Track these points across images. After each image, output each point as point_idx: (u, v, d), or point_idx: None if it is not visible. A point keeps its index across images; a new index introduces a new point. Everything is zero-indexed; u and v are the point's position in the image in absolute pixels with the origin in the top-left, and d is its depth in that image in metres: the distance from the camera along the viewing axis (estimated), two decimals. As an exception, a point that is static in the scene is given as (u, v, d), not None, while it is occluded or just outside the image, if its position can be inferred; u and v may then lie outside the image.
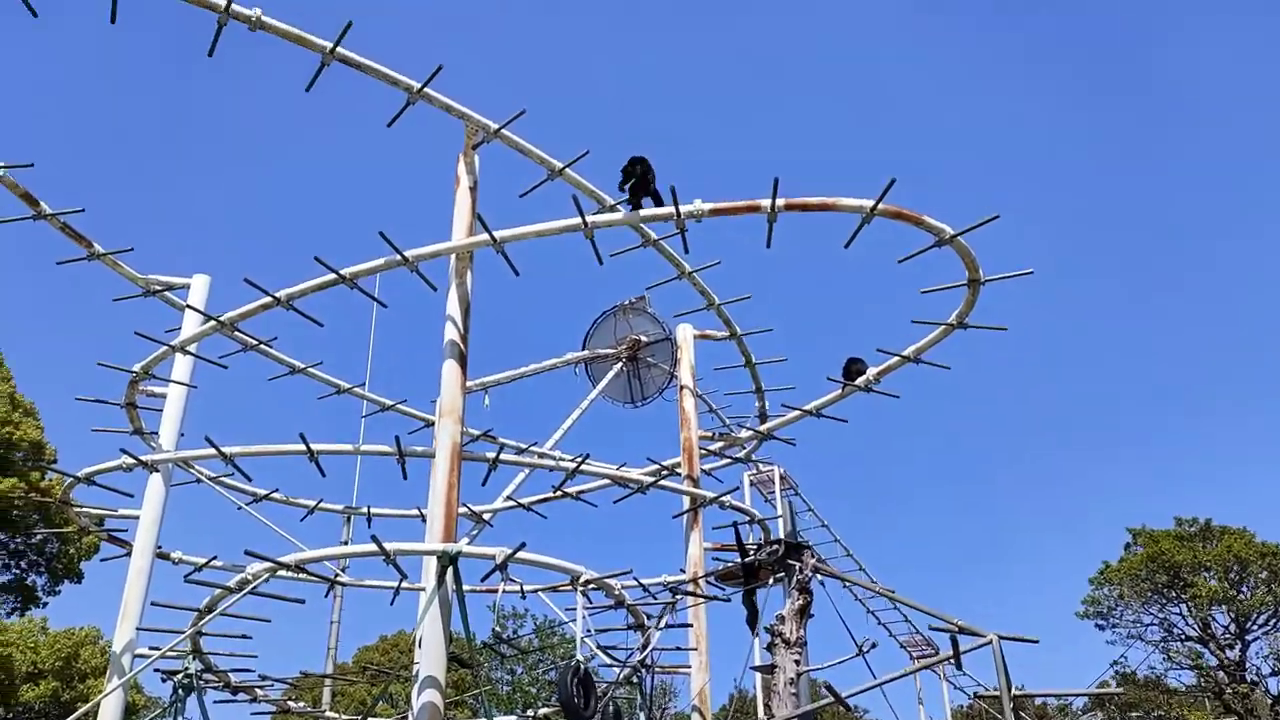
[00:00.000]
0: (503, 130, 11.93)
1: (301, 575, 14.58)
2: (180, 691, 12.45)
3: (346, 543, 17.94)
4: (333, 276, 11.19)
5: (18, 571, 26.70)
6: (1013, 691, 8.18)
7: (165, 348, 12.79)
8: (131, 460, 12.69)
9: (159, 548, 13.51)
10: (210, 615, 10.37)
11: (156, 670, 13.81)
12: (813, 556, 10.29)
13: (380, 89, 11.23)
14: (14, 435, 24.14)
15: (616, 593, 11.06)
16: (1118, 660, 25.95)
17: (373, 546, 9.48)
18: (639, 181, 12.45)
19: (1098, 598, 26.00)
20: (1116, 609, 25.73)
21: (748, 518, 15.48)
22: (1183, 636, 25.28)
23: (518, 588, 15.47)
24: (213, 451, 12.37)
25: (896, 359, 13.85)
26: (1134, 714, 27.86)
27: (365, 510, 16.88)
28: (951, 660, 8.09)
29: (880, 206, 10.64)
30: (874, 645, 9.98)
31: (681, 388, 16.48)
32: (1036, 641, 8.67)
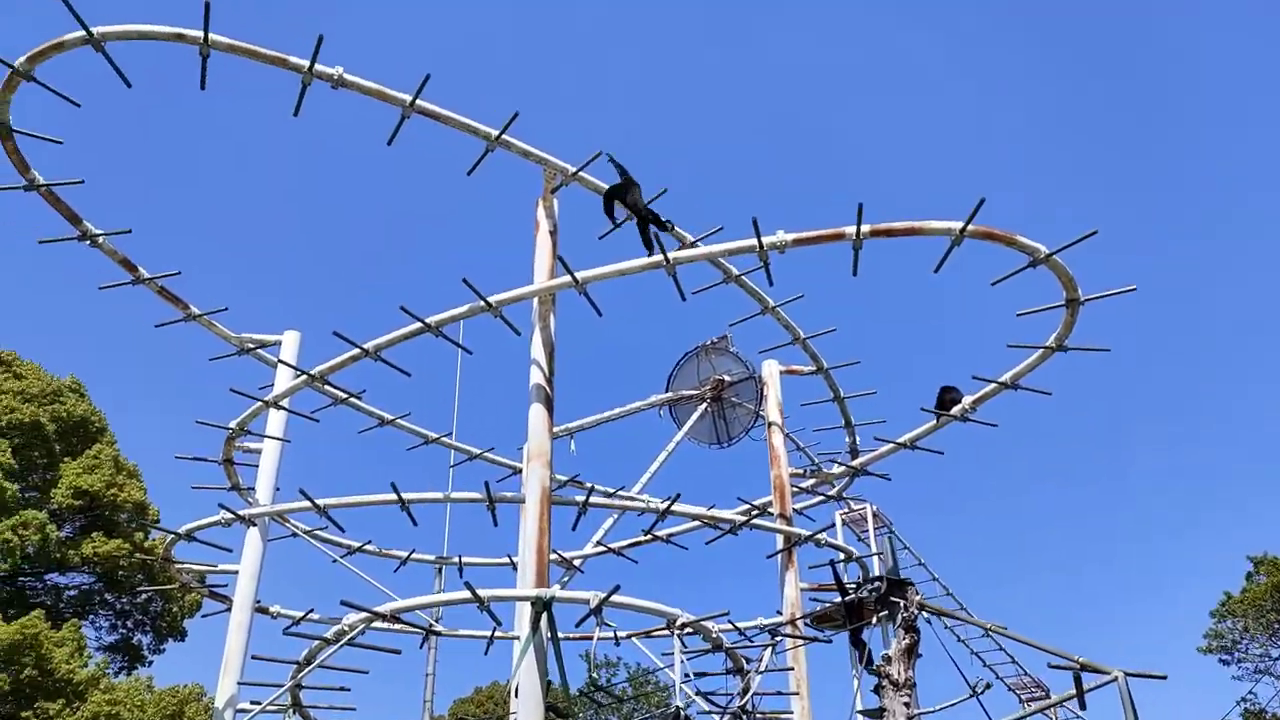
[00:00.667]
0: (581, 173, 11.96)
1: (397, 626, 14.65)
2: (284, 746, 12.51)
3: (439, 592, 17.96)
4: (418, 325, 11.28)
5: (124, 631, 27.42)
6: (1144, 732, 7.65)
7: (259, 403, 13.04)
8: (229, 515, 12.90)
9: (258, 602, 13.67)
10: (309, 668, 10.38)
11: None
12: (916, 593, 9.86)
13: (459, 138, 11.39)
14: (118, 497, 24.92)
15: (713, 636, 10.77)
16: (1245, 697, 24.45)
17: (466, 594, 9.40)
18: (636, 216, 11.68)
19: (1220, 631, 24.57)
20: (1241, 642, 24.27)
21: (844, 555, 15.05)
22: (1316, 670, 23.72)
23: (612, 634, 15.31)
24: (306, 504, 12.50)
25: (993, 386, 13.37)
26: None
27: (457, 560, 16.88)
28: (1075, 699, 7.62)
29: (970, 228, 10.33)
30: (988, 686, 9.49)
31: (769, 424, 16.20)
32: (1164, 678, 8.13)
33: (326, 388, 13.30)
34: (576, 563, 16.63)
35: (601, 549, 16.57)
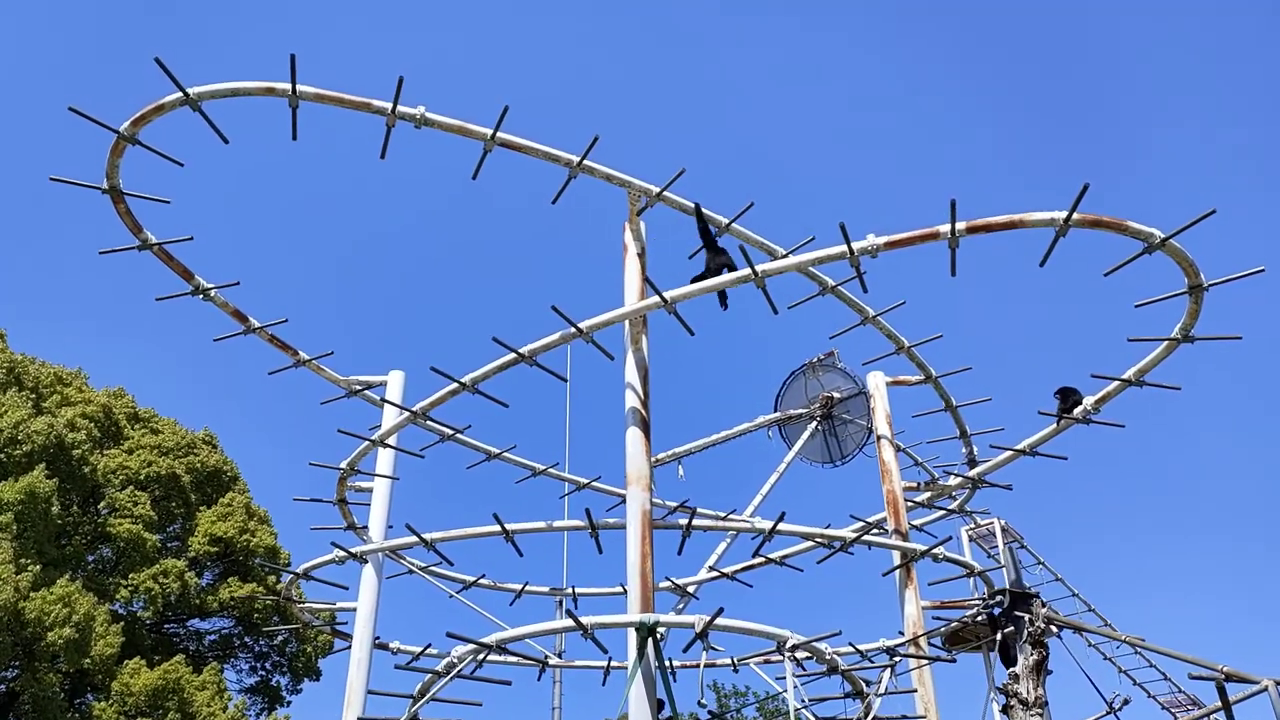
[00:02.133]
0: (665, 193, 11.87)
1: (513, 659, 14.69)
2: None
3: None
4: (512, 356, 11.32)
5: (263, 673, 28.41)
6: (1303, 746, 6.97)
7: (366, 443, 13.31)
8: (342, 554, 13.17)
9: (377, 638, 13.89)
10: (422, 701, 10.42)
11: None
12: (1043, 605, 9.30)
13: (542, 167, 11.46)
14: (251, 543, 25.92)
15: (828, 657, 10.37)
16: None
17: (570, 623, 9.29)
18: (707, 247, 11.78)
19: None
20: None
21: (966, 570, 14.39)
22: None
23: (728, 661, 14.99)
24: (415, 540, 12.65)
25: (1116, 384, 12.62)
26: None
27: (570, 591, 16.86)
28: (1220, 712, 7.00)
29: (1075, 216, 9.78)
30: (1127, 701, 8.86)
31: (879, 438, 15.72)
32: (1324, 687, 7.42)
33: (431, 424, 13.50)
34: (690, 589, 16.41)
35: (714, 574, 16.31)
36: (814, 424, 18.65)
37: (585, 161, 11.32)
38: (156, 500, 25.68)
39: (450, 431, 13.81)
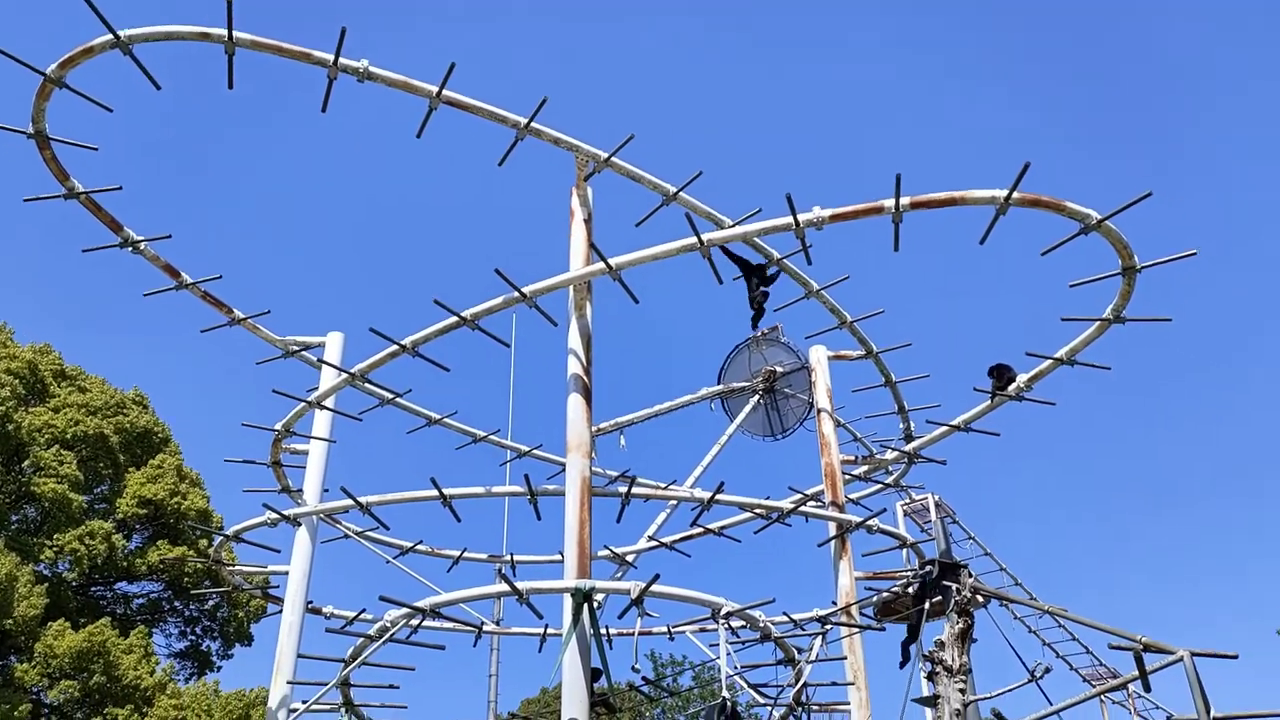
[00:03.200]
0: (613, 158, 11.77)
1: (451, 625, 14.62)
2: (339, 747, 12.53)
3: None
4: (454, 319, 11.19)
5: (193, 638, 27.92)
6: (1212, 714, 7.22)
7: (303, 404, 13.08)
8: (274, 516, 12.95)
9: (310, 603, 13.72)
10: (353, 665, 10.34)
11: (313, 725, 14.01)
12: (970, 576, 9.49)
13: (488, 127, 11.28)
14: (182, 505, 25.39)
15: (761, 625, 10.50)
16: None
17: (504, 587, 9.26)
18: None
19: (1304, 614, 23.48)
20: (1327, 625, 23.22)
21: (899, 542, 14.65)
22: None
23: (664, 629, 15.10)
24: (350, 503, 12.49)
25: (1049, 362, 12.88)
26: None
27: (509, 557, 16.81)
28: (1137, 680, 7.22)
29: (1015, 195, 9.91)
30: (1048, 670, 9.08)
31: (819, 411, 15.86)
32: (1235, 657, 7.67)
33: (370, 387, 13.31)
34: (629, 558, 16.47)
35: (654, 544, 16.38)
36: (756, 397, 18.74)
37: (533, 124, 11.18)
38: (83, 460, 25.00)
39: (390, 395, 13.63)
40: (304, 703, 11.67)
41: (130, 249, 12.19)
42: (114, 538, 24.27)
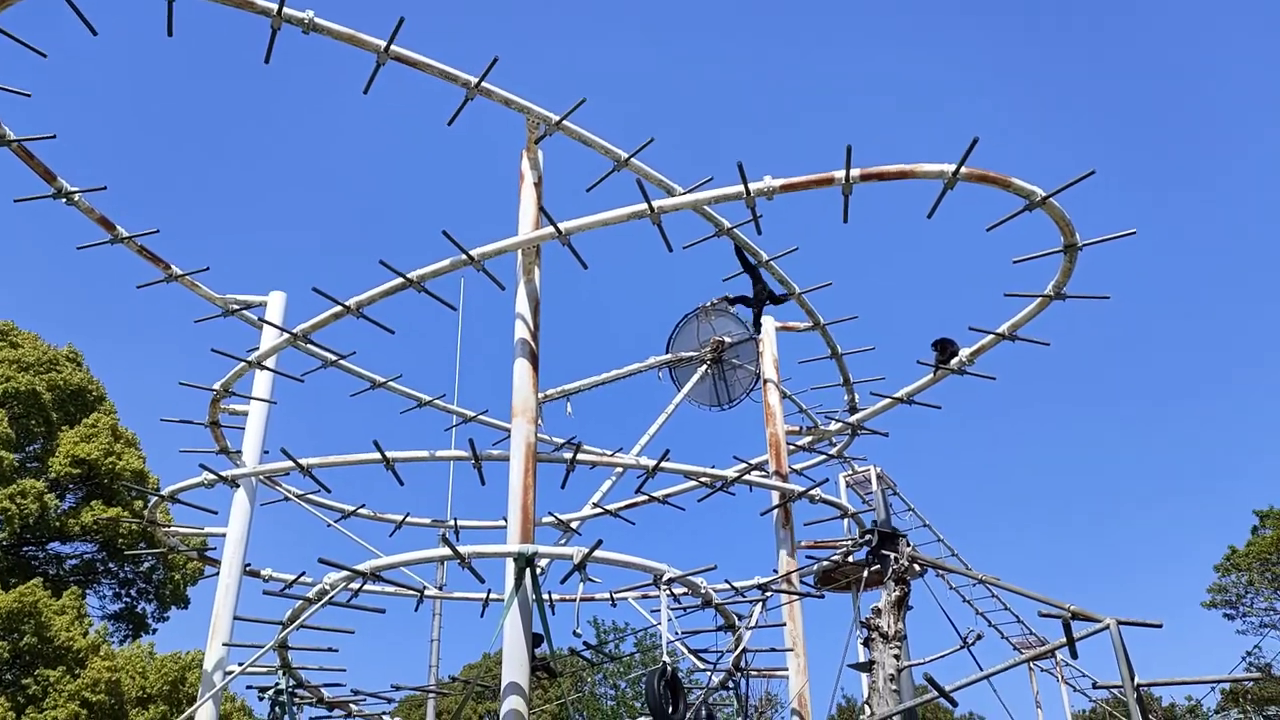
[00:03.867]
0: (564, 122, 11.63)
1: (393, 589, 14.54)
2: (277, 709, 12.44)
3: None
4: (400, 281, 11.02)
5: (128, 600, 27.50)
6: (1136, 681, 7.44)
7: (242, 364, 12.83)
8: (212, 477, 12.73)
9: (248, 565, 13.55)
10: (292, 626, 10.24)
11: (250, 688, 13.89)
12: (908, 545, 9.66)
13: (439, 87, 11.08)
14: (117, 465, 24.87)
15: (702, 591, 10.59)
16: (1251, 651, 24.27)
17: (446, 551, 9.21)
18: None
19: (1224, 585, 24.33)
20: (1246, 596, 24.04)
21: (840, 512, 14.85)
22: (1323, 625, 23.49)
23: (606, 595, 15.17)
24: (290, 464, 12.32)
25: (991, 337, 13.07)
26: (1271, 709, 26.05)
27: (453, 522, 16.74)
28: (1065, 648, 7.41)
29: (963, 170, 10.00)
30: (979, 636, 9.30)
31: (765, 382, 15.96)
32: (1159, 626, 7.91)
33: (313, 348, 13.11)
34: (574, 525, 16.49)
35: (598, 511, 16.41)
36: (704, 367, 18.79)
37: (483, 84, 10.99)
38: (15, 418, 24.35)
39: (333, 357, 13.45)
40: (240, 665, 11.56)
41: (64, 200, 11.80)
42: (46, 497, 23.73)
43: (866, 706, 9.12)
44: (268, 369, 13.37)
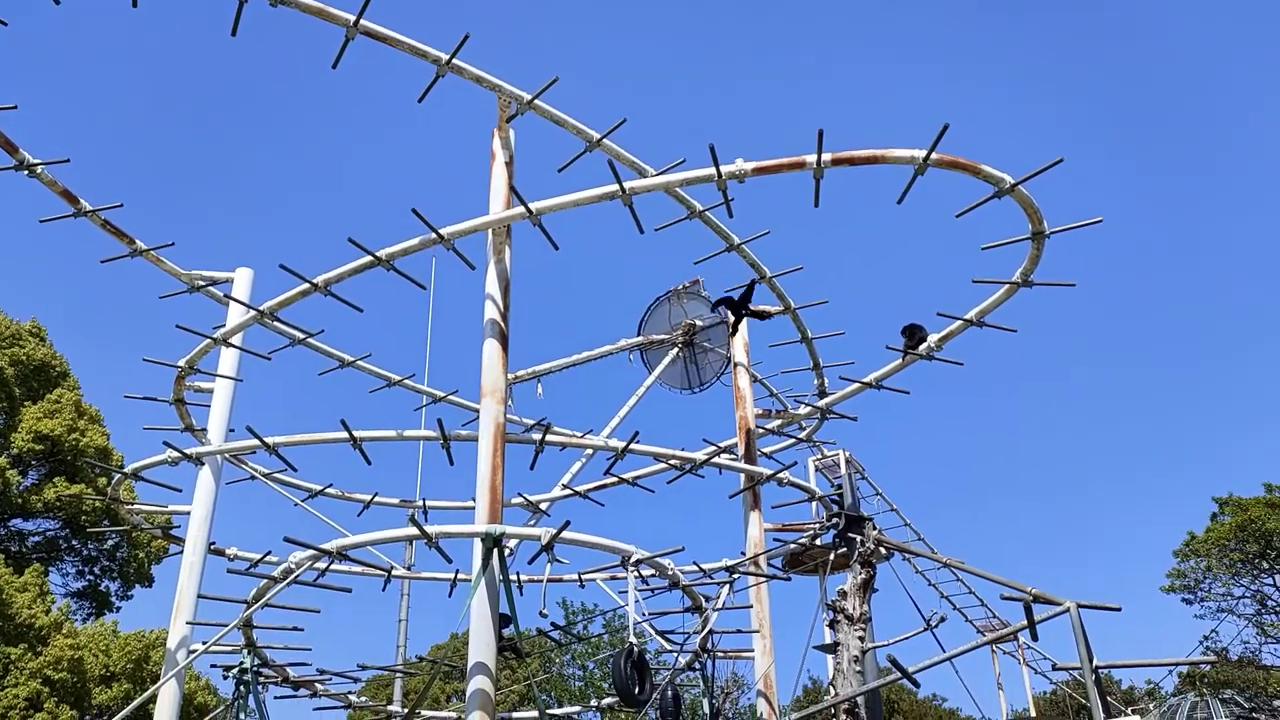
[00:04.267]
0: (536, 101, 11.55)
1: (361, 569, 14.48)
2: (242, 687, 12.40)
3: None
4: (369, 259, 10.92)
5: (92, 578, 27.23)
6: (1095, 663, 7.56)
7: (208, 341, 12.67)
8: (175, 455, 12.59)
9: (213, 543, 13.44)
10: (257, 605, 10.18)
11: (215, 666, 13.81)
12: (874, 528, 9.74)
13: (410, 64, 10.95)
14: (80, 442, 24.57)
15: (670, 573, 10.64)
16: (1208, 635, 24.77)
17: (413, 531, 9.18)
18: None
19: (1184, 570, 24.76)
20: (1204, 582, 24.49)
21: (808, 495, 14.95)
22: (1278, 609, 23.95)
23: (574, 576, 15.21)
24: (255, 443, 12.21)
25: (959, 323, 13.16)
26: (1228, 691, 26.61)
27: (421, 503, 16.69)
28: (1026, 630, 7.52)
29: (934, 156, 10.03)
30: (943, 619, 9.41)
31: (735, 365, 16.01)
32: (1119, 609, 8.03)
33: (280, 326, 12.95)
34: (543, 506, 16.49)
35: (567, 492, 16.42)
36: (675, 350, 18.80)
37: (454, 60, 10.88)
38: (-25, 394, 24.00)
39: (301, 335, 13.30)
40: (204, 644, 11.48)
41: (26, 172, 11.57)
42: (8, 473, 23.40)
43: (831, 687, 9.21)
44: (234, 346, 13.22)
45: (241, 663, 12.25)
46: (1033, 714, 28.89)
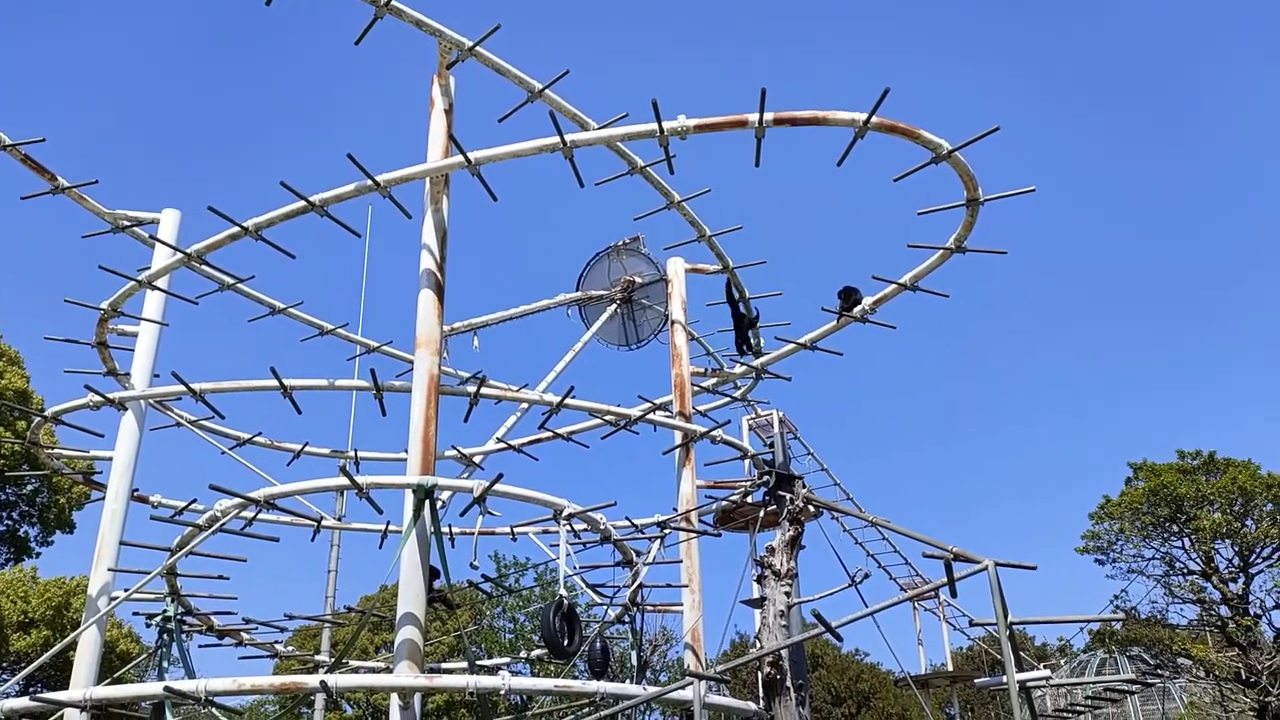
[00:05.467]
0: (478, 48, 11.34)
1: (290, 518, 14.31)
2: (165, 636, 12.23)
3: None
4: (302, 204, 10.68)
5: (9, 523, 26.51)
6: (1009, 619, 7.82)
7: (132, 283, 12.31)
8: (97, 399, 12.27)
9: (135, 490, 13.17)
10: (181, 553, 10.02)
11: (137, 614, 13.62)
12: (804, 487, 9.91)
13: (348, 4, 10.66)
14: (-2, 385, 23.79)
15: (602, 527, 10.71)
16: (1118, 595, 25.80)
17: (344, 481, 9.10)
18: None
19: (1098, 532, 25.68)
20: (1117, 543, 25.43)
21: (740, 453, 15.13)
22: (1185, 571, 25.01)
23: (506, 529, 15.25)
24: (181, 389, 11.96)
25: (893, 287, 13.35)
26: (1135, 648, 27.77)
27: (353, 453, 16.52)
28: (946, 587, 7.74)
29: (874, 120, 10.10)
30: (866, 575, 9.65)
31: (673, 322, 16.06)
32: (1034, 568, 8.30)
33: (208, 269, 12.63)
34: (477, 459, 16.44)
35: (502, 446, 16.38)
36: (614, 306, 18.78)
37: (393, 3, 10.61)
38: (-115, 332, 23.04)
39: (230, 280, 12.98)
40: (125, 591, 11.29)
41: (-64, 100, 11.05)
42: (-80, 416, 22.60)
43: (757, 641, 9.40)
44: (159, 289, 12.88)
45: (164, 611, 12.07)
46: (950, 669, 29.86)
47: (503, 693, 8.57)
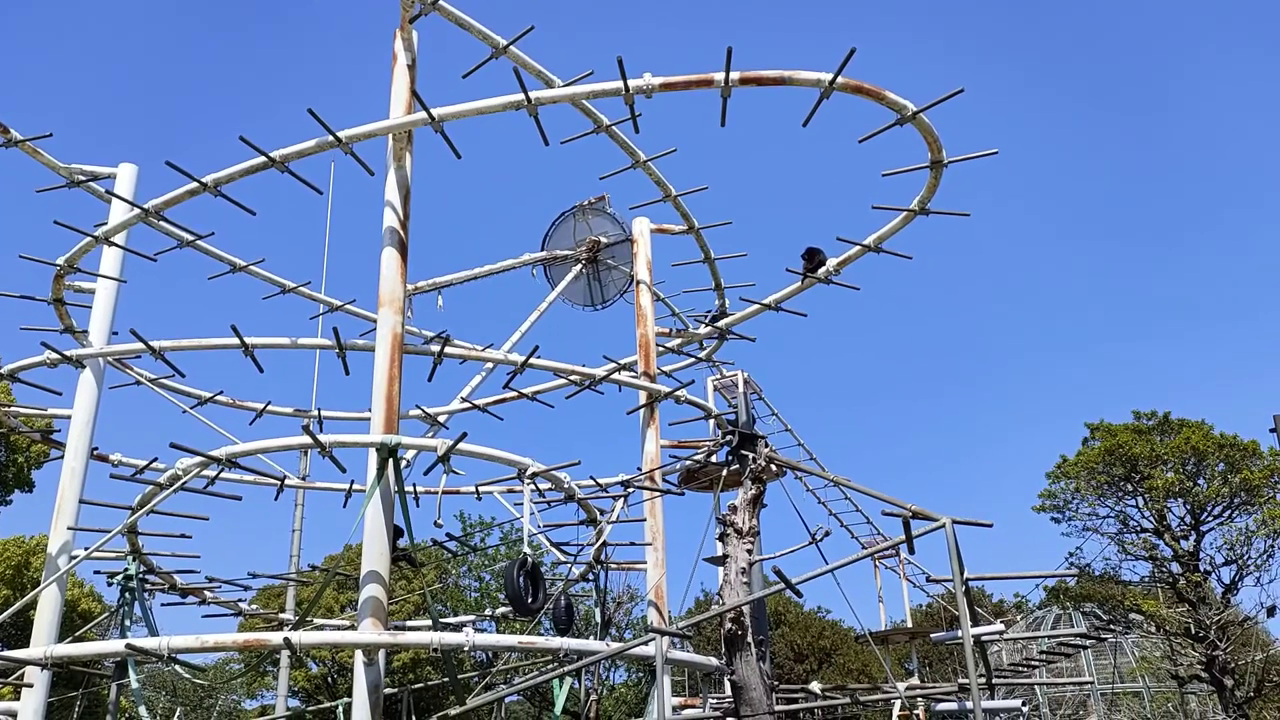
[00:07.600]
0: (441, 1, 11.16)
1: (253, 477, 14.25)
2: (127, 594, 12.19)
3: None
4: (262, 160, 10.52)
5: (-34, 482, 26.16)
6: (965, 575, 8.00)
7: (89, 238, 12.10)
8: (54, 356, 12.10)
9: (95, 448, 13.03)
10: (142, 511, 9.96)
11: (99, 573, 13.54)
12: (766, 446, 10.02)
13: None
14: (-48, 342, 23.37)
15: (566, 486, 10.77)
16: (1073, 553, 26.38)
17: (306, 439, 9.07)
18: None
19: (1054, 491, 26.18)
20: (1073, 502, 25.95)
21: (704, 413, 15.23)
22: (1138, 529, 25.59)
23: (470, 488, 15.27)
24: (140, 346, 11.81)
25: (857, 249, 13.43)
26: (1088, 605, 28.43)
27: (316, 413, 16.44)
28: (904, 544, 7.89)
29: (839, 80, 10.09)
30: (827, 533, 9.80)
31: (638, 283, 16.05)
32: (990, 525, 8.48)
33: (166, 226, 12.42)
34: (441, 419, 16.41)
35: (466, 405, 16.37)
36: (579, 266, 18.72)
37: (355, -46, 10.40)
38: None
39: (189, 237, 12.80)
40: (86, 549, 11.23)
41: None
42: None
43: (719, 598, 9.53)
44: (116, 246, 12.66)
45: (126, 569, 12.03)
46: (910, 625, 30.45)
47: (467, 649, 8.65)
